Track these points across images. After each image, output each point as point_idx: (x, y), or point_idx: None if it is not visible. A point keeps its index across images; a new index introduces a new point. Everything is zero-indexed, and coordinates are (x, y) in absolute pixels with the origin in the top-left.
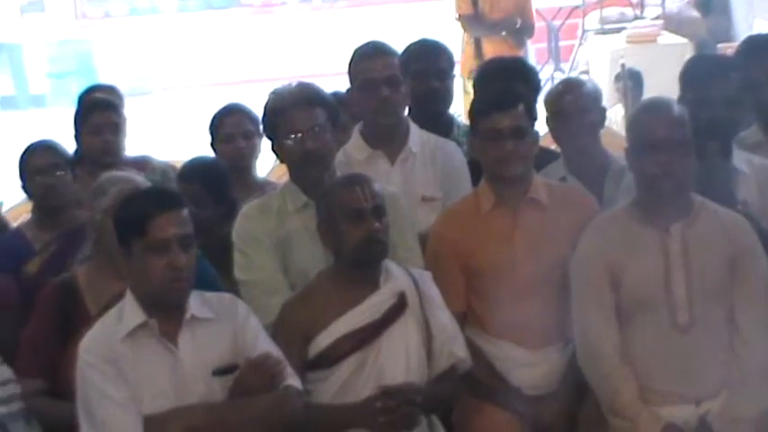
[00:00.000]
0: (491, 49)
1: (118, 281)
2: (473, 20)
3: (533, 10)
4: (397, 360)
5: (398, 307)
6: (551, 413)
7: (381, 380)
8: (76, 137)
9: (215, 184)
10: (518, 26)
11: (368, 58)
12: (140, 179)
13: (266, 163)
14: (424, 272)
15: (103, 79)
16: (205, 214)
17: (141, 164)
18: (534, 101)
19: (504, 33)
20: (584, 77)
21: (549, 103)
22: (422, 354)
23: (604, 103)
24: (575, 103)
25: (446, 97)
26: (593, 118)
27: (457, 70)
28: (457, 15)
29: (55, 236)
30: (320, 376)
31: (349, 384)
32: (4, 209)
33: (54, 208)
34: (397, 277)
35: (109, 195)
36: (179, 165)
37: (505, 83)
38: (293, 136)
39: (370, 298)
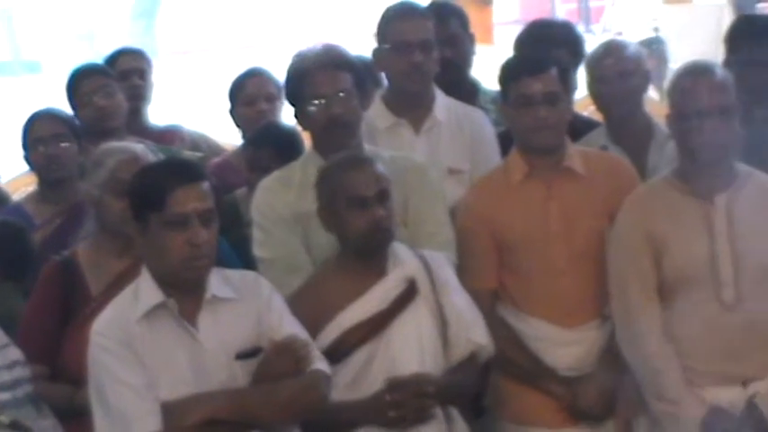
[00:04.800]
0: None
1: (119, 259)
2: None
3: None
4: (410, 350)
5: (408, 294)
6: (588, 395)
7: (394, 372)
8: (73, 109)
9: (287, 147)
10: None
11: (402, 19)
12: (140, 148)
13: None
14: (437, 253)
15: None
16: None
17: (171, 133)
18: (573, 67)
19: None
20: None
21: (589, 66)
22: (437, 342)
23: None
24: (616, 67)
25: (460, 64)
26: (635, 82)
27: None
28: None
29: (58, 210)
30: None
31: (360, 378)
32: (3, 180)
33: (57, 180)
34: (405, 262)
35: (105, 167)
36: (211, 137)
37: (542, 47)
38: (317, 101)
39: (376, 286)
